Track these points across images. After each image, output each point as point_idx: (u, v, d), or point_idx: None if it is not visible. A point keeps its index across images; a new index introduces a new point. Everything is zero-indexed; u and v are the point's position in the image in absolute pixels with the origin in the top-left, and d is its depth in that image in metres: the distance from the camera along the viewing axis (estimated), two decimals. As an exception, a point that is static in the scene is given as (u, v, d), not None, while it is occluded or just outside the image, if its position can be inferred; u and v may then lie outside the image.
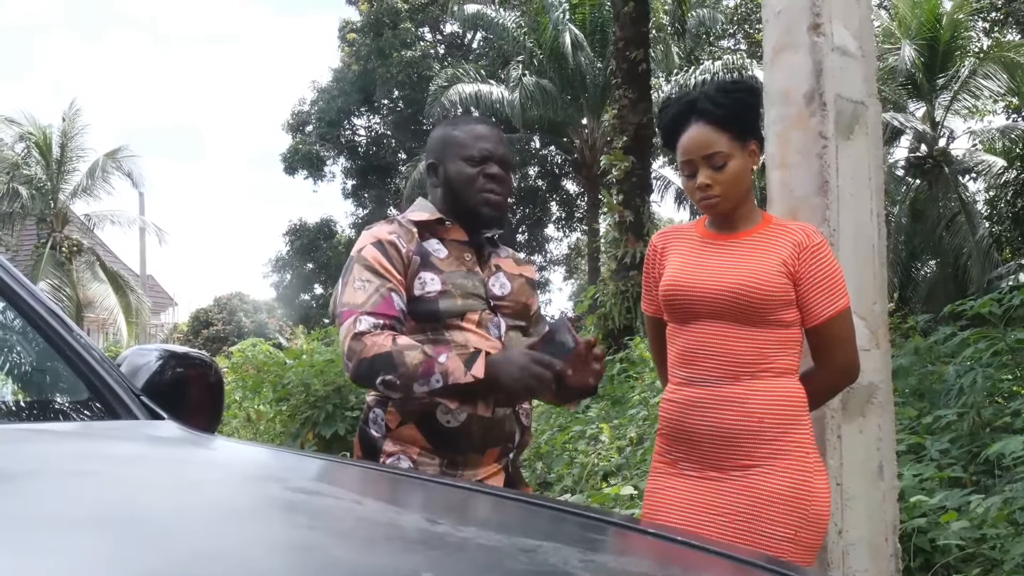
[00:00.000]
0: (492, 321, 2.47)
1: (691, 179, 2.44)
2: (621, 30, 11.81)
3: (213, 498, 1.05)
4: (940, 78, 18.52)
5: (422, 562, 0.79)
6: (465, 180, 2.51)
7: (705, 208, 2.45)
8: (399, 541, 0.88)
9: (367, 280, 2.39)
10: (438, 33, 30.34)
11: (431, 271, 2.44)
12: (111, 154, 23.58)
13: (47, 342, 1.75)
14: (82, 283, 22.63)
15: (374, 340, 2.30)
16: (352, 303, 2.38)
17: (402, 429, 2.42)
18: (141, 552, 0.78)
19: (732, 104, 2.42)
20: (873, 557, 3.07)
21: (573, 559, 0.88)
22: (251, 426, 10.13)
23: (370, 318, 2.34)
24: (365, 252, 2.43)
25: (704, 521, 2.37)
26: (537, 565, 0.82)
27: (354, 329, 2.33)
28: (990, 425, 5.10)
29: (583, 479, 5.64)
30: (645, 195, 11.89)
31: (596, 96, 21.61)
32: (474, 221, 2.54)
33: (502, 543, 0.92)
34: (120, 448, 1.42)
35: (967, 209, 17.73)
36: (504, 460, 2.51)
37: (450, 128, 2.61)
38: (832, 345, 2.46)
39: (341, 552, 0.81)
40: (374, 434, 2.46)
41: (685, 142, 2.43)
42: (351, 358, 2.32)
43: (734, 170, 2.41)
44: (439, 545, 0.87)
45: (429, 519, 1.01)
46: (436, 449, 2.40)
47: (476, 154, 2.51)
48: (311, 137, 29.18)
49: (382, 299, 2.37)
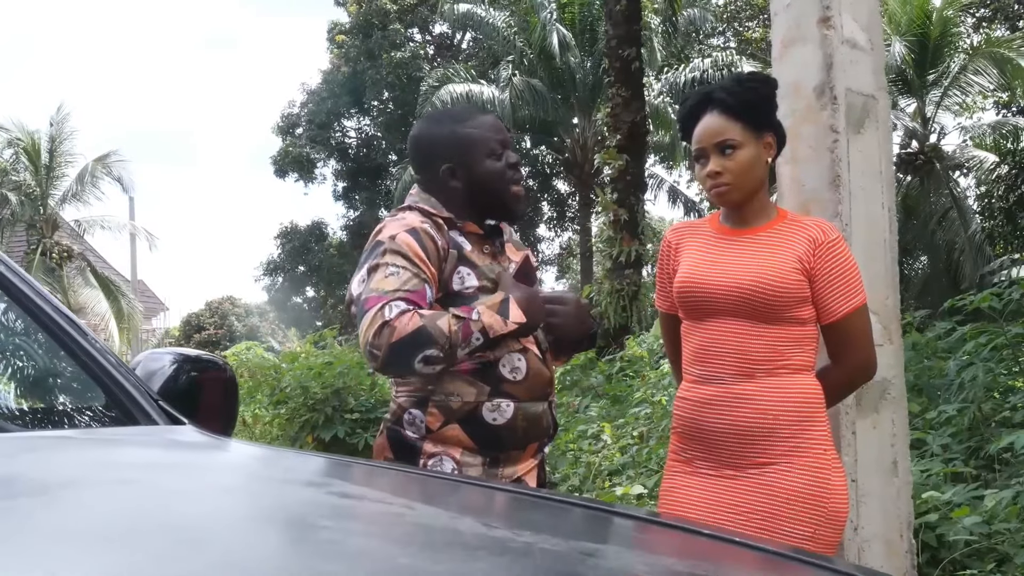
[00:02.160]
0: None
1: (703, 167, 2.42)
2: (614, 28, 11.78)
3: (258, 505, 1.02)
4: (930, 74, 18.58)
5: (493, 570, 0.77)
6: (497, 176, 2.45)
7: (716, 196, 2.43)
8: (461, 547, 0.85)
9: (401, 267, 2.27)
10: (427, 34, 30.27)
11: (467, 265, 2.38)
12: (100, 159, 23.50)
13: (63, 348, 1.73)
14: (73, 289, 22.53)
15: (400, 322, 2.18)
16: (383, 289, 2.24)
17: (445, 430, 2.36)
18: (202, 565, 0.75)
19: (745, 93, 2.41)
20: (889, 553, 3.05)
21: (638, 563, 0.85)
22: (247, 430, 10.08)
23: (401, 303, 2.22)
24: (400, 239, 2.31)
25: (721, 519, 2.35)
26: (605, 571, 0.80)
27: (382, 318, 2.19)
28: (990, 420, 5.10)
29: (589, 479, 5.61)
30: (639, 193, 11.87)
31: (586, 95, 21.62)
32: (506, 213, 2.51)
33: (563, 547, 0.89)
34: (148, 455, 1.40)
35: (959, 205, 17.78)
36: (540, 454, 2.50)
37: (456, 126, 2.49)
38: (849, 342, 2.44)
39: (406, 560, 0.78)
40: (410, 435, 2.38)
41: (698, 131, 2.42)
42: (378, 347, 2.19)
43: (744, 158, 2.38)
44: (503, 551, 0.84)
45: (484, 523, 0.98)
46: (481, 448, 2.36)
47: (496, 147, 2.46)
48: (301, 140, 29.09)
49: (416, 288, 2.26)
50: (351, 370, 8.69)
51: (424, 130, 2.57)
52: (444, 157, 2.45)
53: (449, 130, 2.49)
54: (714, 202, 2.47)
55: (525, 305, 2.31)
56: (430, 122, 2.61)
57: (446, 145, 2.46)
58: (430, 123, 2.60)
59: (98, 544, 0.81)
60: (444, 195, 2.47)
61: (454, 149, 2.45)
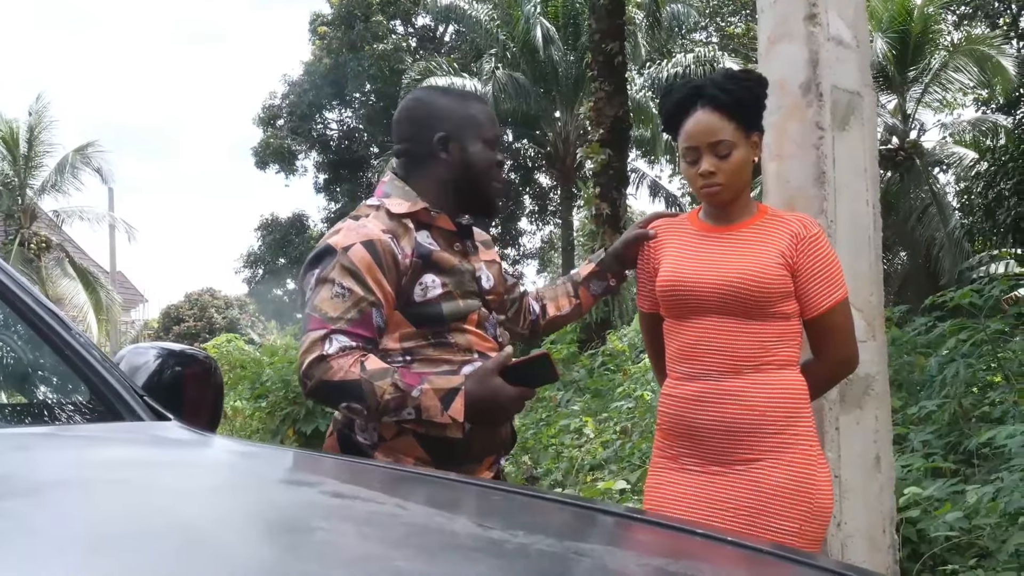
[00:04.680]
0: (488, 320, 2.36)
1: (693, 166, 2.38)
2: (597, 22, 11.80)
3: (248, 505, 1.01)
4: (911, 71, 18.69)
5: (490, 572, 0.76)
6: (487, 164, 2.35)
7: (706, 196, 2.40)
8: (457, 549, 0.84)
9: (348, 289, 2.14)
10: (410, 26, 30.17)
11: (433, 271, 2.24)
12: (80, 150, 23.32)
13: (47, 343, 1.70)
14: (51, 280, 22.36)
15: (340, 364, 2.09)
16: (325, 314, 2.14)
17: (398, 440, 2.23)
18: (190, 566, 0.74)
19: (740, 92, 2.37)
20: (871, 549, 3.07)
21: (631, 563, 0.85)
22: (227, 423, 10.05)
23: (343, 338, 2.12)
24: (353, 254, 2.17)
25: (708, 515, 2.35)
26: (601, 571, 0.79)
27: (321, 350, 2.10)
28: (970, 415, 5.14)
29: (571, 473, 5.62)
30: (622, 188, 11.89)
31: (569, 89, 21.62)
32: (484, 208, 2.41)
33: (558, 548, 0.88)
34: (133, 452, 1.38)
35: (939, 201, 17.91)
36: (496, 467, 2.40)
37: (458, 101, 2.40)
38: (831, 336, 2.44)
39: (403, 562, 0.77)
40: (362, 441, 2.26)
41: (691, 128, 2.37)
42: (310, 377, 2.11)
43: (738, 160, 2.36)
44: (500, 553, 0.83)
45: (479, 524, 0.97)
46: (434, 460, 2.22)
47: (493, 137, 2.37)
48: (282, 131, 28.97)
49: (360, 315, 2.14)
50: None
51: (423, 96, 2.45)
52: (442, 126, 2.33)
53: (452, 102, 2.39)
54: (703, 200, 2.45)
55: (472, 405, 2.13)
56: (431, 91, 2.50)
57: (446, 115, 2.34)
58: (431, 92, 2.49)
59: (84, 545, 0.80)
60: (422, 170, 2.35)
61: (453, 122, 2.34)
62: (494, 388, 2.15)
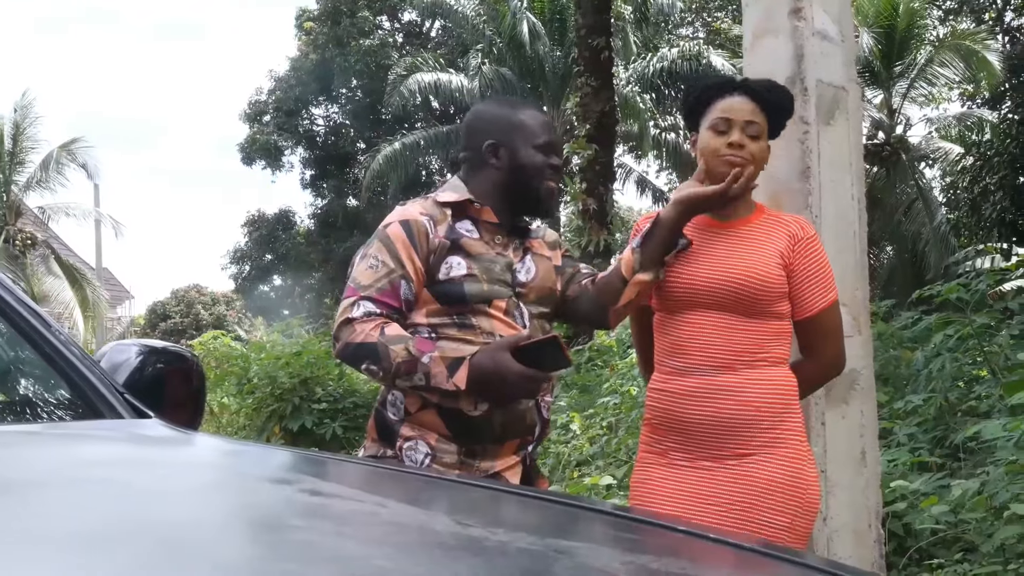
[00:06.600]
0: (518, 309, 2.44)
1: (722, 135, 2.39)
2: (583, 18, 11.78)
3: (228, 504, 1.00)
4: (897, 66, 18.75)
5: (470, 570, 0.75)
6: (537, 167, 2.48)
7: (727, 165, 2.36)
8: (437, 547, 0.83)
9: (382, 262, 2.36)
10: (396, 21, 30.08)
11: (459, 255, 2.39)
12: (65, 146, 23.16)
13: (26, 339, 1.69)
14: (37, 277, 22.23)
15: (363, 327, 2.29)
16: (359, 283, 2.37)
17: (422, 414, 2.38)
18: (171, 567, 0.73)
19: (780, 99, 2.46)
20: (857, 543, 3.07)
21: (614, 561, 0.84)
22: (214, 419, 10.01)
23: (369, 304, 2.33)
24: (390, 230, 2.40)
25: (698, 510, 2.35)
26: (583, 570, 0.78)
27: (349, 313, 2.33)
28: (956, 409, 5.16)
29: (559, 469, 5.62)
30: (608, 183, 11.89)
31: (556, 85, 21.57)
32: (534, 208, 2.56)
33: (539, 546, 0.88)
34: (113, 450, 1.37)
35: (924, 196, 17.98)
36: (523, 452, 2.46)
37: (509, 110, 2.56)
38: (822, 337, 2.47)
39: (383, 561, 0.77)
40: (391, 417, 2.42)
41: (729, 103, 2.41)
42: (337, 339, 2.34)
43: (763, 148, 2.42)
44: (480, 551, 0.83)
45: (459, 522, 0.97)
46: (455, 437, 2.36)
47: (543, 142, 2.50)
48: (269, 127, 28.82)
49: (390, 286, 2.35)
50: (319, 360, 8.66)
51: (479, 107, 2.70)
52: (491, 134, 2.51)
53: (502, 111, 2.57)
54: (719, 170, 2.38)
55: (477, 376, 2.25)
56: (488, 102, 2.76)
57: (497, 123, 2.53)
58: (487, 103, 2.78)
59: (63, 545, 0.79)
60: (478, 175, 2.52)
61: (503, 129, 2.51)
62: (500, 362, 2.25)
